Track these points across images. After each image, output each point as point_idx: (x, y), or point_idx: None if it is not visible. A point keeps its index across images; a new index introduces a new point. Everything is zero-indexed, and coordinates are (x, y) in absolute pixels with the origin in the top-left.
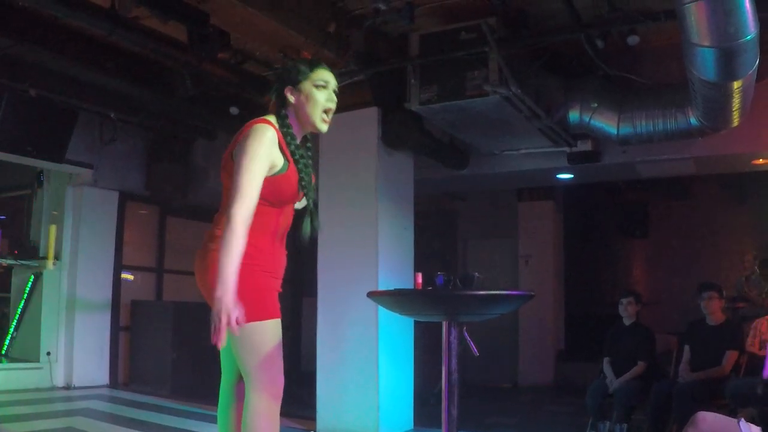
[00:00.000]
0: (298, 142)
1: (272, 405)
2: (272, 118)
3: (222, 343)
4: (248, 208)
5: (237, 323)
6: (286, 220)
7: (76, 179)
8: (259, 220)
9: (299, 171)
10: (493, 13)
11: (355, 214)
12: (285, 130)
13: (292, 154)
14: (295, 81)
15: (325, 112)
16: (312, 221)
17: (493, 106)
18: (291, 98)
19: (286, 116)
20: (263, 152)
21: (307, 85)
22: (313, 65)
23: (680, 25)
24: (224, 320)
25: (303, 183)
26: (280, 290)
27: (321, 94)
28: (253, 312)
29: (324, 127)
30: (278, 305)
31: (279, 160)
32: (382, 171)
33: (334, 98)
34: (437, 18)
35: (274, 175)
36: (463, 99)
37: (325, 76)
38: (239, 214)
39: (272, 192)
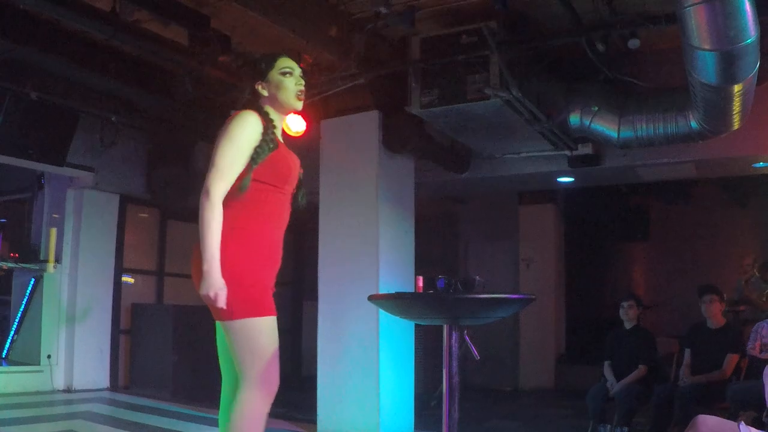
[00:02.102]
0: (278, 128)
1: (262, 405)
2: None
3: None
4: (225, 183)
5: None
6: (285, 210)
7: (77, 182)
8: (261, 204)
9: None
10: (493, 17)
11: (356, 216)
12: (266, 118)
13: (273, 139)
14: (262, 75)
15: (299, 92)
16: (302, 193)
17: (494, 109)
18: (264, 91)
19: (262, 107)
20: (244, 135)
21: (274, 75)
22: (274, 57)
23: (681, 29)
24: (212, 295)
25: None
26: (274, 290)
27: (289, 81)
28: (249, 308)
29: (299, 105)
30: (273, 303)
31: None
32: (383, 174)
33: (302, 81)
34: (438, 21)
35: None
36: (464, 102)
37: (287, 63)
38: (216, 187)
39: (268, 170)
